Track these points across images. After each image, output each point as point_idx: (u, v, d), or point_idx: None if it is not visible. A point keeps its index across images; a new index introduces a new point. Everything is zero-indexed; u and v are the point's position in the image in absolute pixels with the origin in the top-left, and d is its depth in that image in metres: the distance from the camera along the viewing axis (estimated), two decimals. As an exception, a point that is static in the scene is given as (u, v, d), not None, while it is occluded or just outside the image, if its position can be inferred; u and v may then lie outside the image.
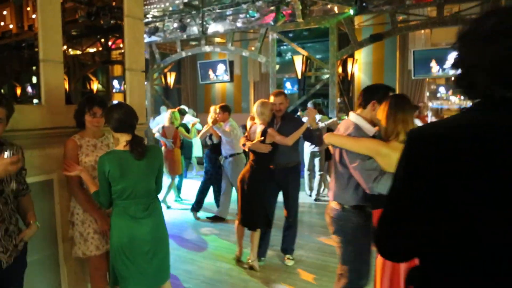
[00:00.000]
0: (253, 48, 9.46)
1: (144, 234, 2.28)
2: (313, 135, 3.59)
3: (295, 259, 3.98)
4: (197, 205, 5.51)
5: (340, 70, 8.31)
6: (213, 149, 5.59)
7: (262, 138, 3.49)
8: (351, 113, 2.36)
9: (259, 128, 3.57)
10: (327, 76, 8.11)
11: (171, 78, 11.60)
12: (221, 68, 10.34)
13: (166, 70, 11.52)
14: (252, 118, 3.86)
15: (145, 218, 2.29)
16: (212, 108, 5.44)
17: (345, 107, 8.93)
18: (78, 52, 4.88)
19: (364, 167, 2.08)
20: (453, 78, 1.21)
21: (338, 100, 8.07)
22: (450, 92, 12.55)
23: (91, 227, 2.42)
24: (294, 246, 4.05)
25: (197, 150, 9.06)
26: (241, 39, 11.25)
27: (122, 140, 2.26)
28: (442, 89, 12.98)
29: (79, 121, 2.45)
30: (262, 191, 3.65)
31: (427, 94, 11.55)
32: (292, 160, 3.82)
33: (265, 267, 3.84)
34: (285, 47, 10.58)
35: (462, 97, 12.29)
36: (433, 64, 8.37)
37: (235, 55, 12.15)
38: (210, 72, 10.55)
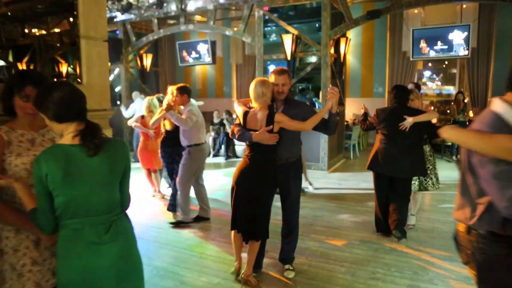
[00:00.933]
0: (236, 29, 8.68)
1: (105, 267, 1.59)
2: (330, 122, 2.98)
3: (296, 269, 3.38)
4: (173, 207, 4.78)
5: (332, 51, 7.65)
6: (167, 139, 4.81)
7: (271, 126, 2.82)
8: (495, 100, 1.57)
9: (260, 113, 2.89)
10: (314, 59, 7.46)
11: (147, 60, 10.70)
12: (202, 49, 9.53)
13: (142, 51, 10.61)
14: (245, 102, 3.16)
15: (107, 243, 1.60)
16: (169, 90, 4.54)
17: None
18: (44, 32, 4.20)
19: (499, 176, 1.42)
20: None
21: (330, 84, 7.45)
22: (440, 76, 12.19)
23: (27, 256, 1.71)
24: (294, 253, 3.44)
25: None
26: (223, 18, 10.42)
27: (68, 131, 1.57)
28: (427, 73, 12.64)
29: (6, 107, 1.71)
30: (267, 195, 3.02)
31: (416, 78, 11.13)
32: (294, 154, 3.19)
33: (262, 281, 3.22)
34: (269, 28, 9.85)
35: (440, 83, 11.99)
36: (423, 44, 7.82)
37: (216, 35, 11.35)
38: (191, 53, 9.72)
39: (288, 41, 7.61)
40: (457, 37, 7.20)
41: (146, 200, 5.64)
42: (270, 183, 3.02)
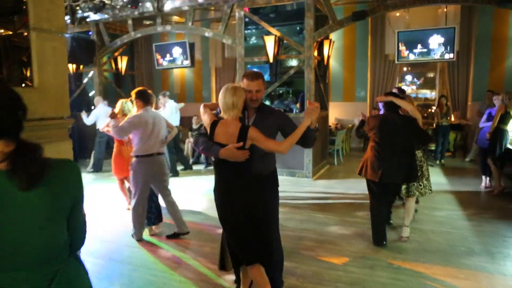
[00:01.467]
0: (215, 30, 8.33)
1: None
2: (308, 138, 2.64)
3: (287, 293, 3.04)
4: (149, 220, 4.38)
5: (315, 53, 7.39)
6: None
7: (241, 143, 2.44)
8: None
9: (231, 126, 2.49)
10: (294, 63, 7.19)
11: (122, 63, 10.20)
12: (179, 51, 9.11)
13: (116, 53, 10.11)
14: (213, 107, 2.79)
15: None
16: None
17: (321, 95, 8.08)
18: (10, 32, 3.80)
19: None
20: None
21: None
22: (421, 80, 12.19)
23: None
24: (284, 275, 3.10)
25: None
26: (202, 19, 10.05)
27: None
28: (409, 77, 12.62)
29: None
30: (243, 215, 2.61)
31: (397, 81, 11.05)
32: (269, 166, 2.84)
33: (249, 308, 2.87)
34: (250, 30, 9.55)
35: (415, 87, 12.01)
36: (402, 47, 7.67)
37: (195, 37, 10.96)
38: (167, 56, 9.28)
39: (270, 43, 7.31)
40: (442, 40, 7.08)
41: (118, 214, 5.18)
42: (245, 201, 2.60)
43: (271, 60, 7.34)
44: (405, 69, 11.59)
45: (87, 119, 7.89)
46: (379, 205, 4.00)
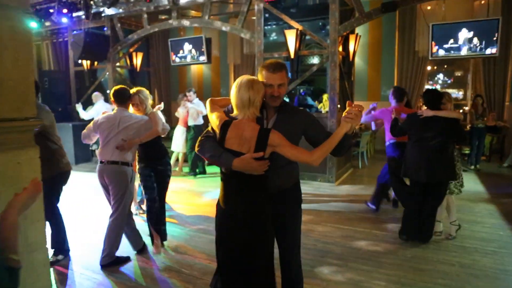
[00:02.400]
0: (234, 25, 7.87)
1: None
2: (344, 147, 2.10)
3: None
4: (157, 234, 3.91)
5: (339, 49, 6.85)
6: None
7: (262, 153, 1.96)
8: None
9: (248, 129, 2.00)
10: (316, 60, 6.66)
11: (137, 59, 9.88)
12: (195, 47, 8.71)
13: (131, 49, 9.80)
14: (223, 103, 2.31)
15: None
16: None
17: (346, 94, 7.52)
18: None
19: None
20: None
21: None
22: (452, 78, 11.41)
23: None
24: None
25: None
26: (220, 13, 9.62)
27: None
28: (437, 75, 11.86)
29: None
30: (271, 242, 2.14)
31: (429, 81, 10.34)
32: (291, 178, 2.34)
33: None
34: (269, 26, 9.06)
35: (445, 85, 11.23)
36: (434, 42, 7.01)
37: (213, 33, 10.54)
38: (183, 52, 8.90)
39: (291, 38, 6.81)
40: (481, 33, 6.41)
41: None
42: (268, 222, 2.12)
43: (292, 56, 6.83)
44: (429, 67, 10.84)
45: (85, 113, 7.60)
46: (412, 203, 4.00)
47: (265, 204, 2.08)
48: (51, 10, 8.77)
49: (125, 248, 3.82)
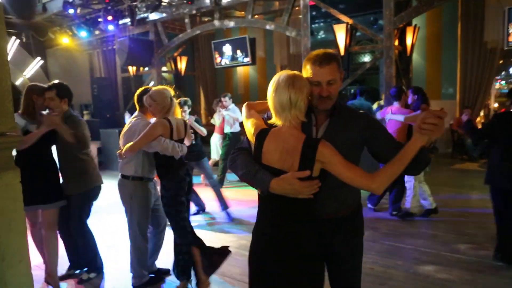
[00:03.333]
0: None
1: None
2: (421, 161, 1.56)
3: None
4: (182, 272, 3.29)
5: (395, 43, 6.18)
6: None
7: (308, 172, 1.51)
8: None
9: (290, 140, 1.57)
10: (367, 58, 6.02)
11: (182, 64, 9.78)
12: (239, 48, 8.39)
13: (176, 54, 9.72)
14: (261, 108, 1.88)
15: None
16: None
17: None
18: None
19: None
20: None
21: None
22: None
23: None
24: None
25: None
26: (265, 12, 9.24)
27: None
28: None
29: None
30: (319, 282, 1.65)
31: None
32: (349, 202, 1.82)
33: None
34: (316, 24, 8.55)
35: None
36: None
37: (258, 33, 10.20)
38: (226, 53, 8.62)
39: (341, 33, 6.26)
40: None
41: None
42: (315, 253, 1.63)
43: (342, 53, 6.28)
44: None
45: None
46: (507, 217, 3.43)
47: (312, 236, 1.62)
48: (100, 19, 8.90)
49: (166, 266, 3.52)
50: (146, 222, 3.27)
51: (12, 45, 10.04)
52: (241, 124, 6.61)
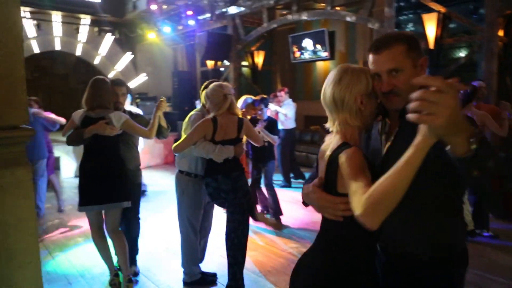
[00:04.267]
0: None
1: None
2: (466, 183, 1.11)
3: None
4: None
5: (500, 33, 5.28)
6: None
7: (318, 180, 1.30)
8: None
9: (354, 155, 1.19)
10: (461, 53, 5.20)
11: (259, 58, 9.67)
12: (317, 42, 7.99)
13: (253, 48, 9.63)
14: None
15: None
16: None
17: (509, 93, 5.83)
18: None
19: None
20: None
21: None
22: None
23: None
24: None
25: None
26: (346, 3, 8.68)
27: None
28: None
29: None
30: None
31: None
32: (434, 243, 1.27)
33: None
34: (404, 16, 7.76)
35: None
36: None
37: (340, 26, 9.66)
38: (304, 48, 8.27)
39: (431, 24, 5.55)
40: None
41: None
42: None
43: (431, 46, 5.56)
44: None
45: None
46: None
47: (371, 275, 1.27)
48: (183, 15, 9.20)
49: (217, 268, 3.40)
50: (197, 219, 3.18)
51: (107, 41, 10.88)
52: (300, 120, 6.21)
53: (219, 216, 3.96)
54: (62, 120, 4.81)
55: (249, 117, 4.45)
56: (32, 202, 1.27)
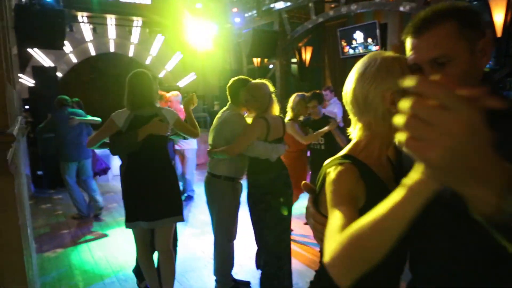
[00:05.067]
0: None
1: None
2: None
3: None
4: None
5: None
6: None
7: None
8: None
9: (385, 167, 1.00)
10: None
11: (306, 54, 9.33)
12: (367, 35, 7.51)
13: (300, 44, 9.31)
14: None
15: None
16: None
17: None
18: None
19: None
20: None
21: None
22: None
23: None
24: None
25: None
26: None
27: None
28: None
29: None
30: None
31: None
32: None
33: None
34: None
35: None
36: None
37: (394, 18, 9.03)
38: (354, 42, 7.82)
39: (498, 11, 4.91)
40: None
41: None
42: None
43: (498, 34, 4.93)
44: None
45: None
46: None
47: None
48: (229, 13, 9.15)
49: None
50: (234, 225, 3.02)
51: (158, 41, 11.13)
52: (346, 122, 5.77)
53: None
54: (97, 119, 4.87)
55: (301, 118, 4.14)
56: (15, 213, 1.15)
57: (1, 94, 1.09)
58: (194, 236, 4.42)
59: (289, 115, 4.07)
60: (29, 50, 8.40)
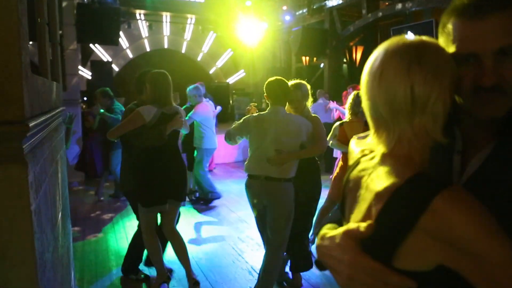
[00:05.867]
0: None
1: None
2: None
3: None
4: None
5: None
6: None
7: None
8: None
9: (385, 176, 0.72)
10: None
11: (357, 54, 9.05)
12: (424, 34, 7.07)
13: (351, 43, 9.04)
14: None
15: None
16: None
17: None
18: None
19: None
20: None
21: None
22: None
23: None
24: None
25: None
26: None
27: None
28: None
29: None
30: None
31: None
32: None
33: None
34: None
35: None
36: None
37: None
38: (407, 41, 7.42)
39: None
40: None
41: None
42: None
43: None
44: None
45: None
46: None
47: None
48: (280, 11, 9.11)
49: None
50: None
51: (210, 38, 11.37)
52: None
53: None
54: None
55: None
56: (28, 202, 1.22)
57: (18, 87, 1.15)
58: (229, 234, 4.45)
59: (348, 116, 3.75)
60: (91, 45, 8.95)
